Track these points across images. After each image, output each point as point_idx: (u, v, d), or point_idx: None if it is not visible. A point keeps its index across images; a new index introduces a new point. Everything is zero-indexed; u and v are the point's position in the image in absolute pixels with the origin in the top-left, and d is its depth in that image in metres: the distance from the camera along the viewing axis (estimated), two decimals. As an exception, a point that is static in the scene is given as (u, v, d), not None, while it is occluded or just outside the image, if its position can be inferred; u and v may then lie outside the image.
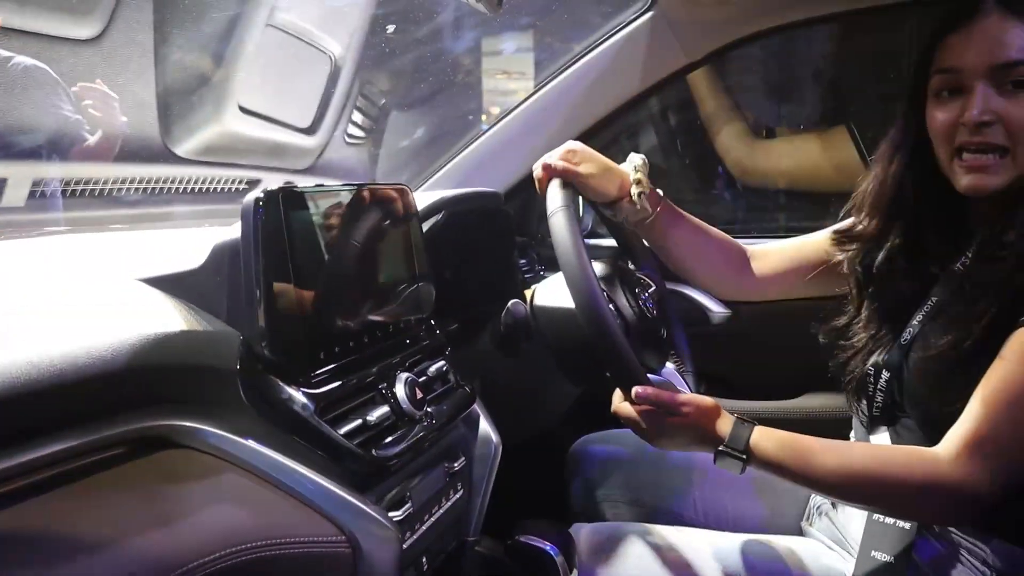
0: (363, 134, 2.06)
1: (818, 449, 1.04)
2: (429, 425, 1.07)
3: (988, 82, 1.02)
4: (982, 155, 1.03)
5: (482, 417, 1.27)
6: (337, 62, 1.82)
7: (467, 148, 1.86)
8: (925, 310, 1.13)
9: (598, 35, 1.77)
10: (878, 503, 1.06)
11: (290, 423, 0.91)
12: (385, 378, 1.05)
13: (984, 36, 1.03)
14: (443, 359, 1.20)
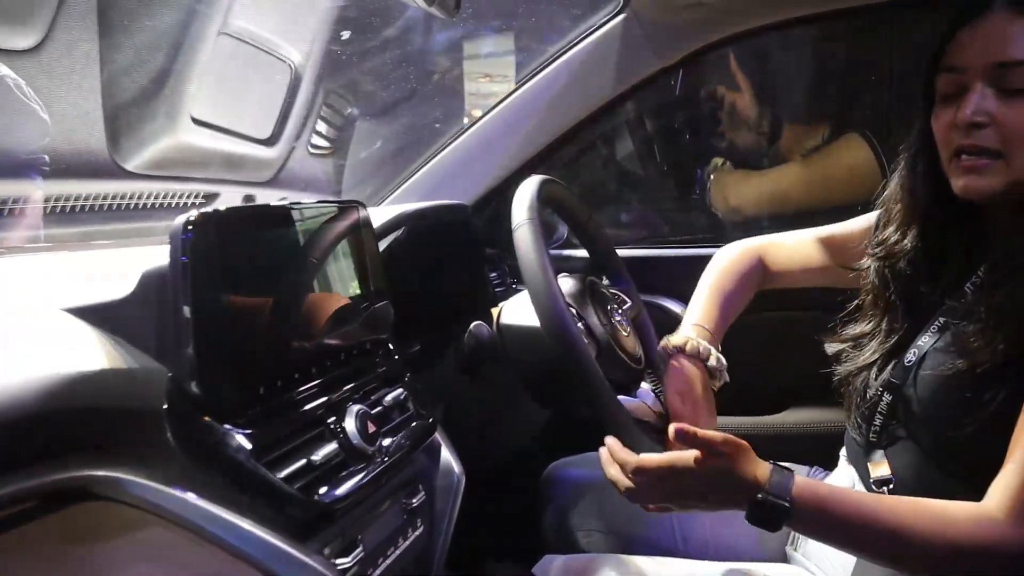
0: (328, 145, 1.98)
1: (871, 506, 0.95)
2: (383, 460, 0.99)
3: (987, 82, 0.97)
4: (974, 157, 0.98)
5: (444, 446, 1.20)
6: (297, 70, 1.75)
7: (434, 158, 1.79)
8: (932, 329, 1.07)
9: (567, 40, 1.71)
10: (934, 568, 0.94)
11: (224, 468, 0.83)
12: (335, 412, 0.98)
13: (988, 33, 0.97)
14: (401, 386, 1.12)
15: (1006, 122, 0.96)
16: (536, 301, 1.09)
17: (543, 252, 1.11)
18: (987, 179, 0.98)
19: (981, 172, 0.98)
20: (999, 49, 0.96)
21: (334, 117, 1.99)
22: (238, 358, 0.87)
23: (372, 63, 2.05)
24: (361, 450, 0.96)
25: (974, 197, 1.00)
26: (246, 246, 0.90)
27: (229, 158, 1.71)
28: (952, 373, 0.98)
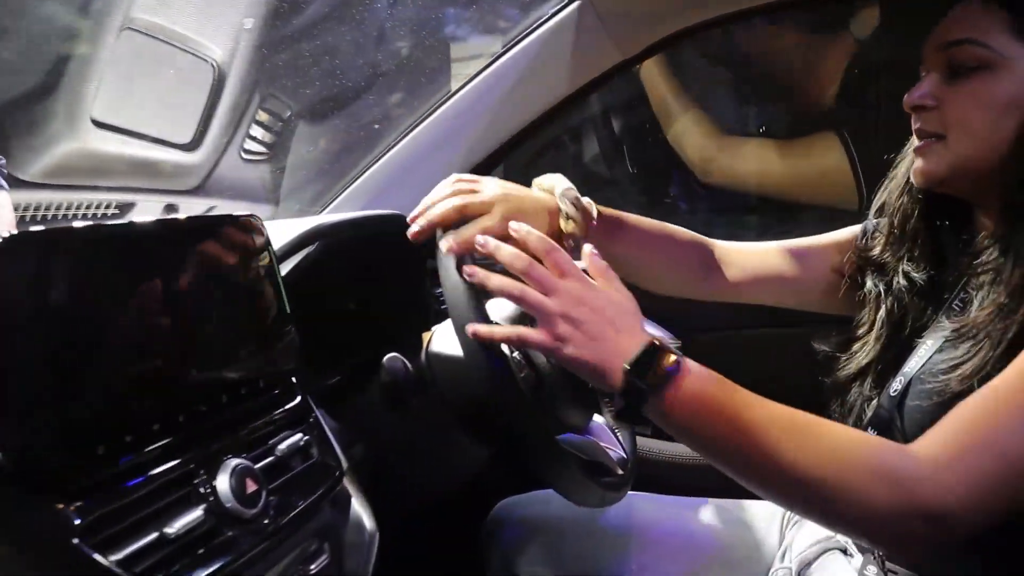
0: (264, 150, 1.82)
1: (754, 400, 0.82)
2: (267, 525, 0.83)
3: (938, 67, 0.96)
4: (922, 141, 0.98)
5: (354, 497, 1.03)
6: (221, 69, 1.59)
7: (378, 162, 1.63)
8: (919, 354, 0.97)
9: (517, 31, 1.55)
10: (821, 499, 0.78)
11: (39, 551, 0.67)
12: (207, 468, 0.81)
13: (948, 19, 0.96)
14: (303, 430, 0.96)
15: (948, 103, 0.94)
16: (457, 327, 0.94)
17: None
18: (929, 162, 0.97)
19: (925, 155, 0.97)
20: (948, 30, 0.95)
21: (271, 121, 1.83)
22: (64, 414, 0.70)
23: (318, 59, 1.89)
24: (236, 514, 0.80)
25: (922, 182, 0.99)
26: (82, 272, 0.73)
27: (143, 164, 1.55)
28: (941, 401, 0.87)
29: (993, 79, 0.91)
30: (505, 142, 1.59)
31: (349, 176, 1.66)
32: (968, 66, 0.92)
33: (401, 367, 1.10)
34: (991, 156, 0.92)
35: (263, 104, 1.80)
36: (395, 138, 1.63)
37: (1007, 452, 0.75)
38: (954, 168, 0.95)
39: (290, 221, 1.24)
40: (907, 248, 1.06)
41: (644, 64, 1.88)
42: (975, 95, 0.92)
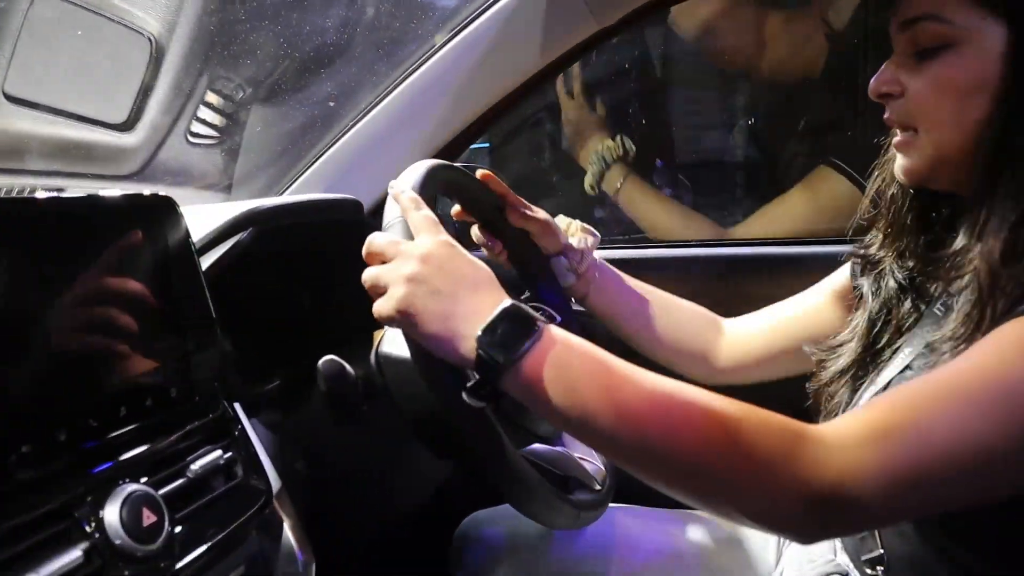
0: (214, 133, 1.69)
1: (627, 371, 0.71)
2: (170, 563, 0.70)
3: (900, 49, 0.87)
4: (898, 135, 0.89)
5: (286, 522, 0.90)
6: (159, 43, 1.45)
7: (331, 148, 1.49)
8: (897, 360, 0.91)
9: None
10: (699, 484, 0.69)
11: None
12: (95, 495, 0.68)
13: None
14: (224, 446, 0.82)
15: (915, 87, 0.85)
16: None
17: None
18: (909, 158, 0.89)
19: (903, 151, 0.89)
20: (907, 7, 0.84)
21: (222, 103, 1.70)
22: None
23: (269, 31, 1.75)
24: (128, 552, 0.66)
25: (906, 180, 0.91)
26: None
27: (70, 145, 1.41)
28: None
29: (957, 57, 0.81)
30: (474, 121, 1.46)
31: (306, 159, 1.52)
32: (930, 46, 0.83)
33: (339, 371, 0.96)
34: (966, 142, 0.83)
35: (212, 85, 1.67)
36: (355, 117, 1.50)
37: (933, 439, 0.65)
38: (933, 161, 0.86)
39: (219, 205, 1.10)
40: (897, 245, 0.97)
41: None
42: (940, 78, 0.83)
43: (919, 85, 0.85)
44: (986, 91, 0.80)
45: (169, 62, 1.49)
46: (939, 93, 0.83)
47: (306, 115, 1.66)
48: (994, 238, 0.77)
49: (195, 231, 0.92)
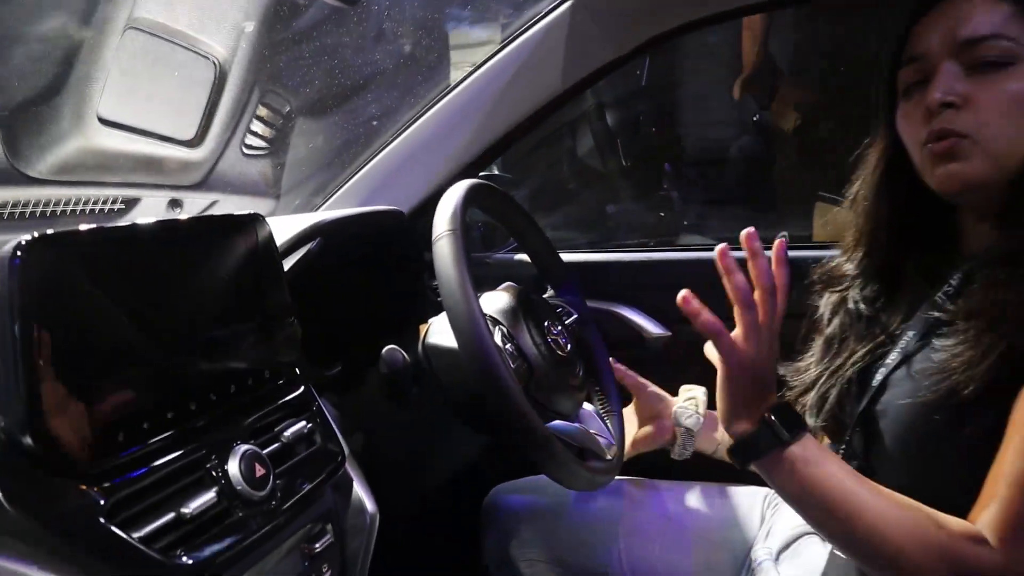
0: (265, 144, 1.86)
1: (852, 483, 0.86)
2: (275, 507, 0.88)
3: (954, 61, 0.90)
4: (947, 140, 0.89)
5: (356, 481, 1.09)
6: (223, 66, 1.63)
7: (373, 159, 1.67)
8: (895, 354, 0.97)
9: (511, 30, 1.59)
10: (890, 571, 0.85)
11: (69, 529, 0.72)
12: (217, 454, 0.87)
13: (947, 13, 0.91)
14: (306, 418, 1.01)
15: (978, 99, 0.88)
16: (455, 325, 0.99)
17: (463, 268, 1.01)
18: (966, 163, 0.89)
19: (957, 156, 0.89)
20: (964, 27, 0.89)
21: (271, 116, 1.87)
22: (88, 402, 0.75)
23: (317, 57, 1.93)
24: (246, 496, 0.85)
25: (955, 187, 0.91)
26: (100, 271, 0.78)
27: (148, 161, 1.59)
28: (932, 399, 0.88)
29: (1019, 73, 0.87)
30: (500, 138, 1.63)
31: (348, 171, 1.70)
32: (996, 61, 0.87)
33: (400, 359, 1.15)
34: (1018, 157, 0.88)
35: (263, 99, 1.83)
36: (392, 134, 1.67)
37: None
38: (991, 168, 0.88)
39: (292, 217, 1.29)
40: (866, 261, 1.06)
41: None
42: (1008, 90, 0.87)
43: (986, 96, 0.87)
44: None
45: (231, 82, 1.66)
46: (1007, 103, 0.87)
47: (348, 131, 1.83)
48: (997, 243, 0.88)
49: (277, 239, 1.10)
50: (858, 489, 0.85)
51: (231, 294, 0.96)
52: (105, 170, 1.51)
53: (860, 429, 0.99)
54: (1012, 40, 0.87)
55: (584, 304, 1.40)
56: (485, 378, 0.97)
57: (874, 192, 1.04)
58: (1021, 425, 0.80)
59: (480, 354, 0.97)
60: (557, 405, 1.16)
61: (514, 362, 1.12)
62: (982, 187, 0.89)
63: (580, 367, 1.23)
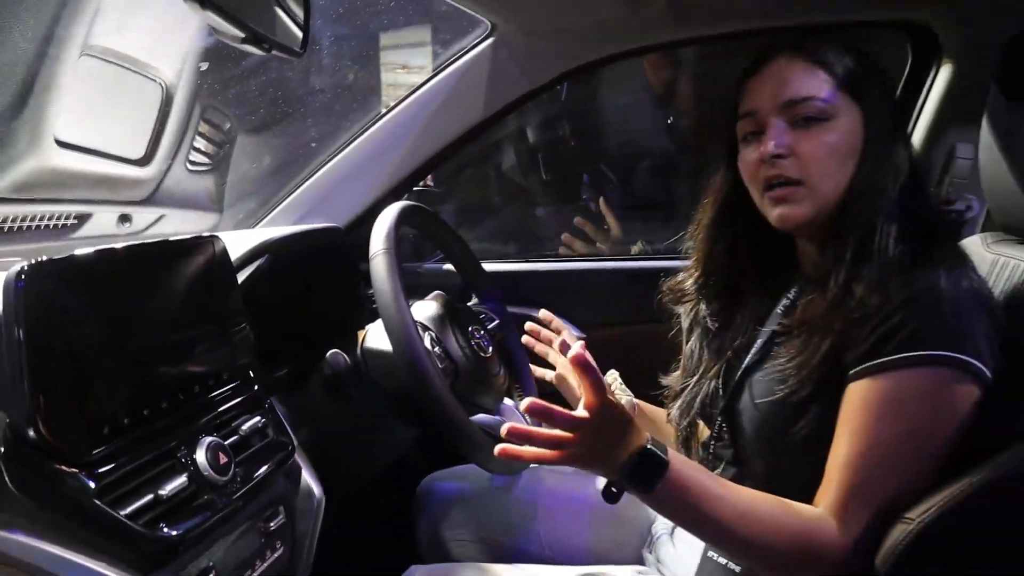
0: (208, 160, 1.98)
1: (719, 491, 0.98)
2: (235, 490, 1.03)
3: (780, 118, 1.06)
4: (783, 187, 1.06)
5: (304, 469, 1.23)
6: (168, 89, 1.74)
7: (310, 179, 1.81)
8: (748, 360, 1.15)
9: (440, 61, 1.75)
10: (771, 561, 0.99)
11: (67, 509, 0.86)
12: (187, 444, 1.01)
13: (774, 76, 1.08)
14: (260, 414, 1.16)
15: (801, 150, 1.04)
16: (389, 332, 1.15)
17: (395, 282, 1.16)
18: (797, 206, 1.06)
19: (790, 201, 1.06)
20: (785, 89, 1.06)
21: (213, 132, 1.99)
22: (79, 401, 0.89)
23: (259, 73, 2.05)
24: (212, 481, 0.99)
25: (788, 225, 1.08)
26: (86, 290, 0.92)
27: (100, 179, 1.69)
28: (776, 401, 1.05)
29: (832, 127, 1.04)
30: (427, 160, 1.79)
31: (288, 187, 1.83)
32: (815, 118, 1.04)
33: (342, 362, 1.30)
34: (838, 195, 1.05)
35: (204, 115, 1.95)
36: (329, 155, 1.81)
37: (887, 487, 0.94)
38: (817, 208, 1.05)
39: (244, 235, 1.42)
40: (704, 280, 1.23)
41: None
42: (829, 144, 1.04)
43: (807, 147, 1.04)
44: (853, 155, 1.04)
45: (176, 103, 1.78)
46: (827, 154, 1.03)
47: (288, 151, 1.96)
48: (836, 279, 1.03)
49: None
50: (727, 503, 0.98)
51: (194, 306, 1.10)
52: (60, 188, 1.61)
53: (724, 425, 1.17)
54: (825, 100, 1.04)
55: (505, 310, 1.57)
56: (415, 378, 1.13)
57: (716, 221, 1.21)
58: (847, 419, 0.98)
59: (411, 357, 1.12)
60: (480, 400, 1.33)
61: (441, 363, 1.27)
62: (811, 223, 1.07)
63: (501, 367, 1.40)
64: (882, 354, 0.95)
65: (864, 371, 0.97)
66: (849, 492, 0.96)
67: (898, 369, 0.94)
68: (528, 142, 2.35)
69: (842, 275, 1.02)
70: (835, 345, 0.99)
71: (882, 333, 0.96)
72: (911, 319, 0.94)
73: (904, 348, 0.94)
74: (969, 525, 0.90)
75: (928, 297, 0.95)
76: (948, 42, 1.55)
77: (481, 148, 2.32)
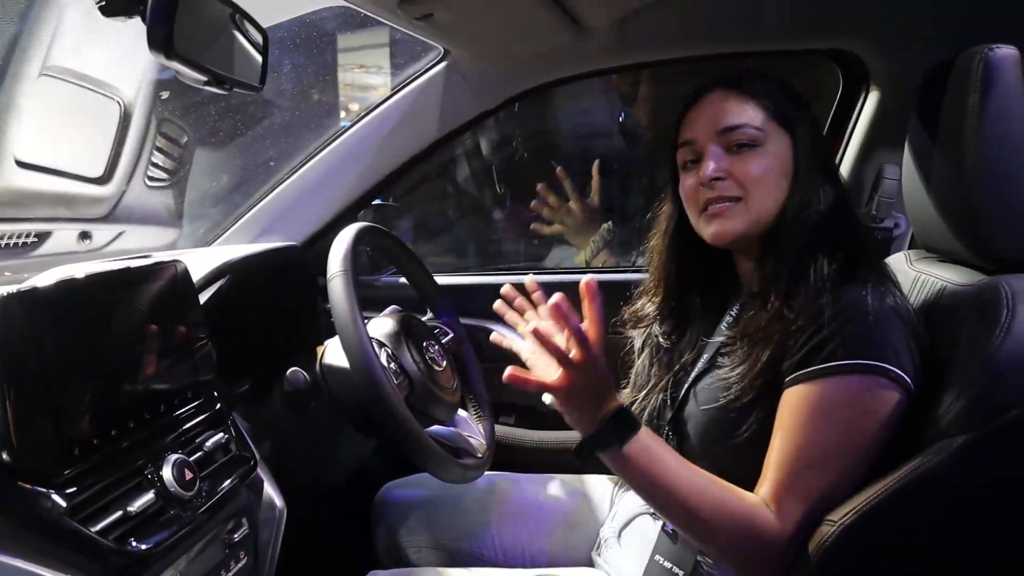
0: (166, 176, 2.01)
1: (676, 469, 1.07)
2: (200, 504, 1.08)
3: (717, 144, 1.16)
4: (718, 204, 1.16)
5: (266, 482, 1.28)
6: (127, 108, 1.77)
7: (268, 196, 1.85)
8: (696, 371, 1.24)
9: (395, 83, 1.81)
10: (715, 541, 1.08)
11: (40, 528, 0.90)
12: (153, 462, 1.05)
13: (710, 107, 1.18)
14: (223, 430, 1.20)
15: (737, 172, 1.15)
16: (347, 350, 1.20)
17: (352, 302, 1.22)
18: (732, 221, 1.16)
19: (725, 216, 1.16)
20: (720, 119, 1.16)
21: (170, 146, 2.01)
22: (50, 424, 0.93)
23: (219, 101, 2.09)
24: (178, 496, 1.04)
25: (723, 240, 1.18)
26: (54, 318, 0.96)
27: (60, 198, 1.72)
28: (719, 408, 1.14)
29: (764, 152, 1.15)
30: (383, 179, 1.85)
31: (247, 204, 1.87)
32: (746, 144, 1.14)
33: (301, 379, 1.35)
34: (771, 213, 1.15)
35: (161, 129, 1.97)
36: (286, 173, 1.86)
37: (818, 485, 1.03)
38: (751, 223, 1.15)
39: (205, 254, 1.46)
40: (659, 300, 1.33)
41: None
42: (761, 166, 1.14)
43: (741, 169, 1.14)
44: (785, 176, 1.15)
45: (135, 121, 1.81)
46: (760, 175, 1.14)
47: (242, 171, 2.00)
48: (774, 295, 1.12)
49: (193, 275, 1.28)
50: (683, 476, 1.07)
51: (158, 328, 1.15)
52: (20, 207, 1.63)
53: (672, 432, 1.25)
54: (757, 128, 1.15)
55: (459, 324, 1.63)
56: (372, 393, 1.19)
57: (665, 246, 1.31)
58: (782, 422, 1.07)
59: (367, 374, 1.19)
60: (434, 413, 1.39)
61: (397, 378, 1.33)
62: (744, 238, 1.16)
63: (455, 380, 1.46)
64: (813, 363, 1.04)
65: (797, 379, 1.06)
66: (783, 488, 1.05)
67: (827, 377, 1.03)
68: (483, 154, 2.41)
69: (781, 291, 1.11)
70: (773, 355, 1.08)
71: (814, 344, 1.05)
72: (839, 331, 1.03)
73: (833, 357, 1.03)
74: (886, 525, 0.98)
75: (855, 311, 1.04)
76: (876, 70, 1.65)
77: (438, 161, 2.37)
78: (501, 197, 2.48)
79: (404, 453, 1.24)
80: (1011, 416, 0.91)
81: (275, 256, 1.59)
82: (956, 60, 1.08)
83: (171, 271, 1.19)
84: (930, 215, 1.15)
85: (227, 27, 1.17)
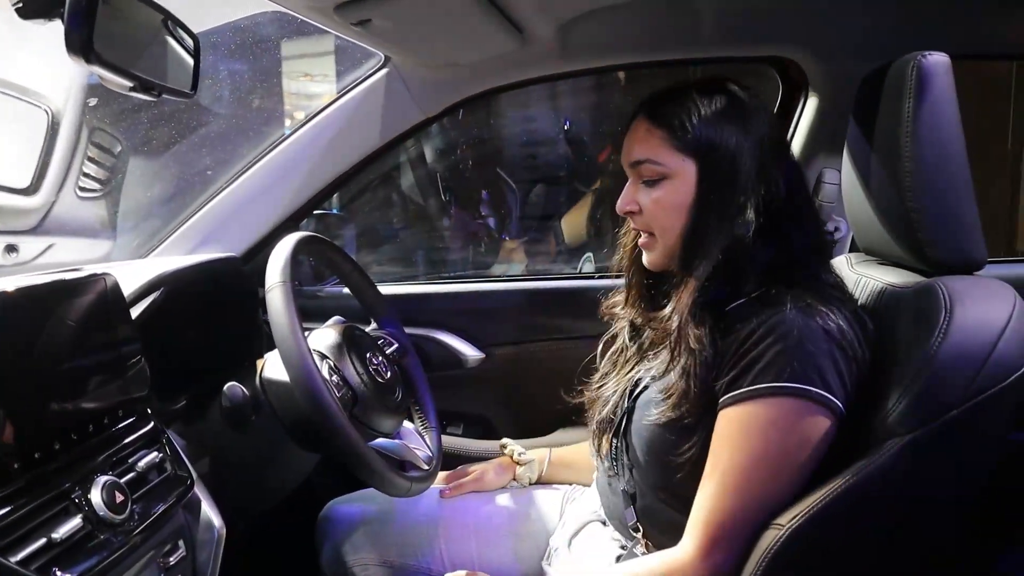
0: (99, 185, 1.94)
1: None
2: (133, 527, 1.03)
3: (633, 176, 1.19)
4: (641, 236, 1.21)
5: (204, 501, 1.24)
6: (55, 116, 1.71)
7: (207, 205, 1.81)
8: (642, 384, 1.24)
9: (338, 87, 1.78)
10: None
11: (-46, 559, 0.85)
12: (82, 485, 1.01)
13: (629, 137, 1.20)
14: (157, 448, 1.16)
15: (646, 206, 1.17)
16: (286, 363, 1.17)
17: (292, 314, 1.18)
18: (652, 254, 1.22)
19: (647, 248, 1.22)
20: (632, 150, 1.17)
21: (103, 156, 1.95)
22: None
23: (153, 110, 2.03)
24: (108, 520, 1.00)
25: (654, 268, 1.23)
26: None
27: (-17, 210, 1.65)
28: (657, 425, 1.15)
29: (670, 186, 1.15)
30: (325, 188, 1.81)
31: (184, 215, 1.82)
32: (652, 179, 1.16)
33: (240, 394, 1.31)
34: (682, 241, 1.16)
35: (92, 138, 1.91)
36: (224, 183, 1.81)
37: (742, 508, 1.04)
38: (666, 254, 1.19)
39: (138, 266, 1.42)
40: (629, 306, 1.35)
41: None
42: (663, 200, 1.15)
43: (650, 205, 1.16)
44: (687, 208, 1.14)
45: (63, 130, 1.75)
46: (664, 210, 1.15)
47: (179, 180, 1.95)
48: (686, 307, 1.14)
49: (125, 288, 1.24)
50: None
51: (86, 345, 1.10)
52: (-63, 220, 1.56)
53: (622, 439, 1.26)
54: (659, 163, 1.14)
55: (404, 334, 1.60)
56: (313, 407, 1.16)
57: (627, 264, 1.34)
58: (714, 456, 1.07)
59: (308, 387, 1.15)
60: (379, 425, 1.36)
61: (339, 391, 1.30)
62: (666, 267, 1.21)
63: (400, 391, 1.43)
64: (741, 385, 1.05)
65: (727, 401, 1.07)
66: (705, 517, 1.06)
67: (752, 400, 1.04)
68: (427, 162, 2.40)
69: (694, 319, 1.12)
70: (704, 376, 1.09)
71: (742, 366, 1.06)
72: (765, 353, 1.04)
73: (758, 380, 1.04)
74: (834, 527, 0.99)
75: (781, 334, 1.04)
76: (814, 77, 1.67)
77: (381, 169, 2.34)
78: (446, 205, 2.46)
79: (348, 468, 1.21)
80: (952, 415, 0.93)
81: (213, 268, 1.54)
82: (891, 67, 1.09)
83: (100, 284, 1.14)
84: (870, 219, 1.17)
85: (158, 33, 1.13)
